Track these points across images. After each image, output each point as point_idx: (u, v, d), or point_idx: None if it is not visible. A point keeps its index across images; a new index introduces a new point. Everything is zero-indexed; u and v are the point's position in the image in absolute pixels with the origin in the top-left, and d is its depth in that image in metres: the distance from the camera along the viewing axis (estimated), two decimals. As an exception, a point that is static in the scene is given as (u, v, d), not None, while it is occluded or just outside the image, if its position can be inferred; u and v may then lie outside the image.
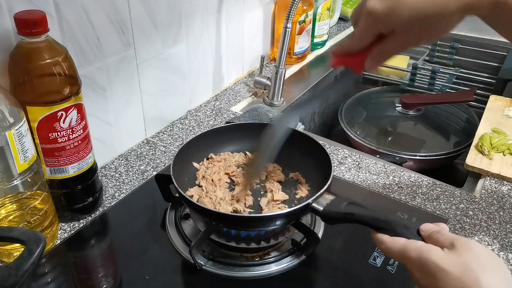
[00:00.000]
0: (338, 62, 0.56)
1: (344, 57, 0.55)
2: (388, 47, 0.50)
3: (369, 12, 0.48)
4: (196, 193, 0.69)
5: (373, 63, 0.52)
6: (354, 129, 1.20)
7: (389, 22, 0.47)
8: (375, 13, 0.47)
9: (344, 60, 0.55)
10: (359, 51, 0.52)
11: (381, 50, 0.51)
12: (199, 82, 1.04)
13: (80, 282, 0.65)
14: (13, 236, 0.48)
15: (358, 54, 0.53)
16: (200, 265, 0.64)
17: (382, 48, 0.51)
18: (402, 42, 0.50)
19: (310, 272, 0.65)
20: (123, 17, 0.78)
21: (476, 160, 0.88)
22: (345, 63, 0.55)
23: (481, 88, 1.29)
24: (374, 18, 0.48)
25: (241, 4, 1.09)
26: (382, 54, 0.51)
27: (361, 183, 0.83)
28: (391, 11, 0.46)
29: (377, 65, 0.53)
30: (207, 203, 0.67)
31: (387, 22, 0.48)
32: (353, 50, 0.53)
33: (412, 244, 0.48)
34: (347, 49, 0.54)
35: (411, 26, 0.47)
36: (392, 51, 0.51)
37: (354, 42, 0.52)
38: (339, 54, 0.55)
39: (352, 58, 0.54)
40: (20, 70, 0.61)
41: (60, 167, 0.67)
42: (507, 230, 0.73)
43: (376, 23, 0.48)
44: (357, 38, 0.51)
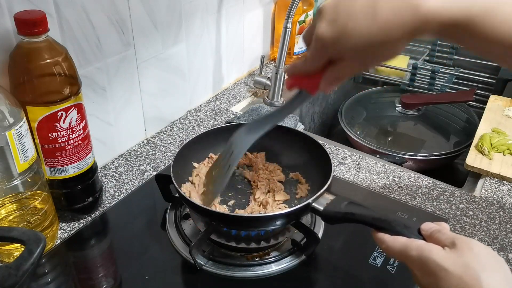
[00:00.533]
0: (293, 84, 0.56)
1: (299, 78, 0.55)
2: (339, 71, 0.51)
3: (318, 38, 0.49)
4: (188, 189, 0.69)
5: (327, 85, 0.53)
6: (354, 129, 1.20)
7: (338, 48, 0.48)
8: (324, 40, 0.48)
9: (299, 81, 0.56)
10: (312, 73, 0.53)
11: (334, 72, 0.51)
12: (199, 82, 1.04)
13: (80, 282, 0.65)
14: (13, 236, 0.48)
15: (312, 76, 0.53)
16: (200, 265, 0.64)
17: (334, 72, 0.51)
18: (352, 67, 0.51)
19: (310, 272, 0.65)
20: (123, 17, 0.78)
21: (476, 160, 0.88)
22: (300, 84, 0.56)
23: (481, 88, 1.29)
24: (323, 44, 0.49)
25: (241, 4, 1.09)
26: (336, 77, 0.52)
27: (361, 183, 0.83)
28: (339, 38, 0.47)
29: (332, 87, 0.54)
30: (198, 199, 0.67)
31: (336, 48, 0.48)
32: (306, 72, 0.54)
33: (413, 243, 0.48)
34: (300, 70, 0.54)
35: (358, 53, 0.48)
36: (344, 75, 0.52)
37: (307, 64, 0.53)
38: (294, 75, 0.56)
39: (306, 79, 0.54)
40: (20, 70, 0.61)
41: (60, 167, 0.67)
42: (507, 230, 0.73)
43: (325, 49, 0.49)
44: (310, 61, 0.52)
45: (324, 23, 0.48)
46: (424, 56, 1.40)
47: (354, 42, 0.47)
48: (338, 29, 0.47)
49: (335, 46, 0.48)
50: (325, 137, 0.99)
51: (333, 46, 0.48)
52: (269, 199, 0.69)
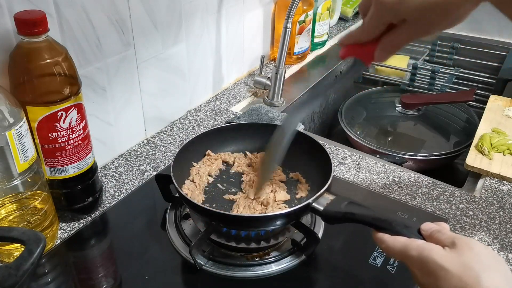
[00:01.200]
0: (347, 53, 0.54)
1: (353, 48, 0.53)
2: (399, 37, 0.49)
3: (379, 1, 0.47)
4: (189, 189, 0.69)
5: (383, 53, 0.51)
6: (354, 129, 1.20)
7: (399, 11, 0.46)
8: (385, 2, 0.46)
9: (353, 50, 0.54)
10: (368, 41, 0.51)
11: (391, 40, 0.49)
12: (199, 82, 1.04)
13: (80, 282, 0.65)
14: (13, 236, 0.48)
15: (367, 45, 0.51)
16: (200, 265, 0.64)
17: (392, 38, 0.49)
18: (413, 32, 0.48)
19: (310, 272, 0.65)
20: (123, 17, 0.78)
21: (476, 160, 0.88)
22: (355, 53, 0.54)
23: (481, 88, 1.29)
24: (384, 7, 0.47)
25: (241, 4, 1.09)
26: (393, 44, 0.50)
27: (361, 183, 0.83)
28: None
29: (388, 56, 0.52)
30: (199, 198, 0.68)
31: (397, 11, 0.46)
32: (363, 40, 0.52)
33: (413, 243, 0.48)
34: (356, 39, 0.52)
35: (422, 15, 0.46)
36: (403, 41, 0.50)
37: (364, 32, 0.51)
38: (348, 44, 0.54)
39: (361, 48, 0.52)
40: (20, 70, 0.61)
41: (60, 167, 0.67)
42: (507, 230, 0.73)
43: (386, 13, 0.47)
44: (367, 28, 0.50)
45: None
46: (424, 56, 1.40)
47: (418, 3, 0.45)
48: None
49: (397, 9, 0.46)
50: (325, 137, 0.99)
51: (396, 8, 0.46)
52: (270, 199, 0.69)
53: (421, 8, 0.45)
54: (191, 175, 0.73)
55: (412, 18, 0.47)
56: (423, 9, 0.45)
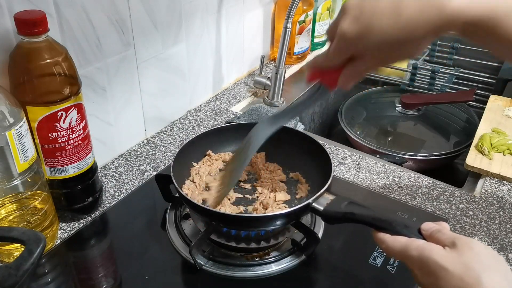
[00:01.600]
0: (314, 77, 0.57)
1: (320, 73, 0.56)
2: (360, 68, 0.52)
3: (341, 35, 0.49)
4: (189, 189, 0.69)
5: (346, 81, 0.54)
6: (354, 129, 1.20)
7: (361, 45, 0.49)
8: (348, 36, 0.49)
9: (319, 75, 0.57)
10: (333, 68, 0.54)
11: (353, 70, 0.52)
12: (199, 82, 1.04)
13: (80, 282, 0.65)
14: (13, 236, 0.48)
15: (332, 71, 0.54)
16: (200, 265, 0.64)
17: (354, 68, 0.52)
18: (373, 64, 0.52)
19: (310, 272, 0.65)
20: (123, 17, 0.78)
21: (476, 160, 0.88)
22: (320, 78, 0.57)
23: (481, 88, 1.29)
24: (346, 41, 0.49)
25: (241, 4, 1.09)
26: (355, 73, 0.53)
27: (361, 183, 0.83)
28: (363, 35, 0.48)
29: (351, 83, 0.54)
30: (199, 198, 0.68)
31: (359, 45, 0.49)
32: (327, 67, 0.54)
33: (413, 243, 0.48)
34: (321, 65, 0.55)
35: (381, 50, 0.49)
36: (363, 71, 0.53)
37: (329, 59, 0.53)
38: (315, 69, 0.57)
39: (327, 74, 0.55)
40: (20, 70, 0.61)
41: (60, 167, 0.67)
42: (507, 230, 0.73)
43: (348, 46, 0.50)
44: (331, 57, 0.53)
45: (348, 20, 0.49)
46: (424, 56, 1.40)
47: (378, 40, 0.47)
48: (362, 26, 0.48)
49: (358, 43, 0.49)
50: (325, 137, 0.99)
51: (356, 43, 0.49)
52: (270, 200, 0.69)
53: (379, 45, 0.48)
54: (191, 175, 0.73)
55: (372, 52, 0.49)
56: (382, 45, 0.48)
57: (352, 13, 0.48)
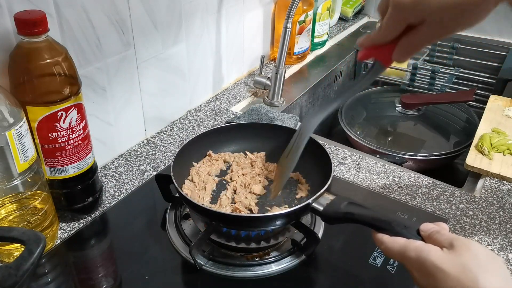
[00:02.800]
0: (366, 54, 0.54)
1: (372, 49, 0.53)
2: (418, 38, 0.48)
3: (397, 2, 0.46)
4: (189, 189, 0.69)
5: (402, 55, 0.51)
6: (354, 129, 1.20)
7: (419, 11, 0.45)
8: (403, 4, 0.46)
9: (372, 52, 0.54)
10: (387, 42, 0.51)
11: (410, 41, 0.49)
12: (199, 82, 1.04)
13: (80, 282, 0.65)
14: (13, 236, 0.48)
15: (386, 46, 0.51)
16: (200, 265, 0.64)
17: (411, 39, 0.49)
18: (432, 33, 0.48)
19: (310, 272, 0.65)
20: (123, 17, 0.78)
21: (476, 160, 0.88)
22: (374, 55, 0.54)
23: (481, 88, 1.29)
24: (402, 8, 0.46)
25: (241, 4, 1.09)
26: (412, 45, 0.49)
27: (361, 183, 0.83)
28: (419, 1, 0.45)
29: (406, 57, 0.51)
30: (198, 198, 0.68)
31: (417, 11, 0.46)
32: (381, 42, 0.51)
33: (411, 244, 0.48)
34: (375, 41, 0.52)
35: (442, 15, 0.45)
36: (422, 42, 0.49)
37: (382, 33, 0.50)
38: (367, 46, 0.54)
39: (380, 49, 0.52)
40: (20, 70, 0.61)
41: (60, 167, 0.67)
42: (507, 230, 0.73)
43: (405, 13, 0.46)
44: (385, 29, 0.49)
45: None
46: (424, 56, 1.40)
47: (438, 3, 0.44)
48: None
49: (416, 9, 0.46)
50: (325, 137, 0.99)
51: (413, 9, 0.46)
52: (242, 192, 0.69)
53: (441, 8, 0.45)
54: (190, 174, 0.73)
55: (432, 18, 0.46)
56: (444, 9, 0.45)
57: None
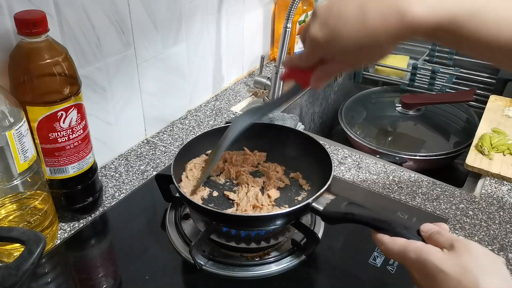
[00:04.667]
0: (288, 76, 0.60)
1: (294, 71, 0.59)
2: (329, 70, 0.54)
3: (310, 38, 0.51)
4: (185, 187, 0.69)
5: (317, 81, 0.56)
6: (354, 129, 1.20)
7: (329, 49, 0.51)
8: (315, 41, 0.51)
9: (293, 74, 0.59)
10: (306, 68, 0.56)
11: (323, 70, 0.55)
12: (199, 82, 1.04)
13: (80, 282, 0.65)
14: (13, 236, 0.48)
15: (305, 71, 0.56)
16: (200, 265, 0.64)
17: (323, 70, 0.55)
18: (342, 65, 0.55)
19: (310, 272, 0.65)
20: (123, 17, 0.78)
21: (476, 160, 0.88)
22: (294, 77, 0.59)
23: (481, 88, 1.29)
24: (315, 44, 0.51)
25: (241, 4, 1.09)
26: (325, 74, 0.55)
27: (361, 183, 0.83)
28: (329, 40, 0.50)
29: (322, 83, 0.57)
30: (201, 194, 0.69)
31: (327, 49, 0.51)
32: (301, 67, 0.57)
33: (411, 245, 0.48)
34: (295, 64, 0.58)
35: (347, 54, 0.51)
36: (332, 73, 0.55)
37: (302, 60, 0.56)
38: (289, 66, 0.60)
39: (300, 73, 0.58)
40: (20, 70, 0.61)
41: (60, 167, 0.67)
42: (507, 230, 0.73)
43: (317, 49, 0.52)
44: (304, 58, 0.56)
45: (316, 24, 0.51)
46: (424, 56, 1.40)
47: (343, 45, 0.49)
48: (328, 31, 0.50)
49: (326, 47, 0.51)
50: (325, 137, 0.99)
51: (323, 47, 0.51)
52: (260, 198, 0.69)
53: (345, 49, 0.50)
54: (185, 170, 0.73)
55: (339, 56, 0.52)
56: (348, 50, 0.50)
57: (320, 18, 0.50)
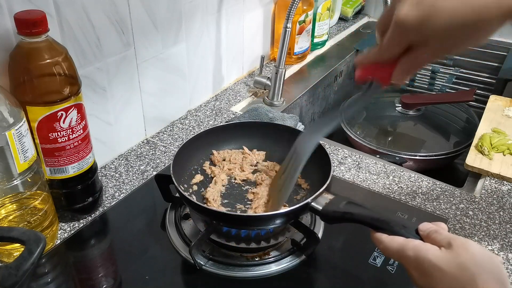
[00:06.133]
0: (364, 74, 0.52)
1: (371, 68, 0.51)
2: (421, 57, 0.47)
3: (401, 21, 0.44)
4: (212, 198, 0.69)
5: (402, 74, 0.49)
6: (354, 129, 1.20)
7: (424, 31, 0.44)
8: (408, 22, 0.44)
9: (370, 71, 0.51)
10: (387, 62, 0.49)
11: (412, 60, 0.47)
12: (199, 82, 1.04)
13: (80, 282, 0.65)
14: (13, 236, 0.48)
15: (385, 65, 0.49)
16: (200, 265, 0.64)
17: (413, 58, 0.47)
18: (436, 51, 0.46)
19: (310, 272, 0.65)
20: (123, 17, 0.78)
21: (476, 160, 0.88)
22: (372, 74, 0.51)
23: (481, 88, 1.29)
24: (407, 27, 0.44)
25: (241, 4, 1.09)
26: (413, 65, 0.48)
27: (361, 183, 0.83)
28: (426, 19, 0.43)
29: (407, 77, 0.50)
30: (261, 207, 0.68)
31: (421, 31, 0.44)
32: (381, 61, 0.49)
33: (409, 244, 0.48)
34: (374, 60, 0.50)
35: (448, 35, 0.44)
36: (423, 62, 0.48)
37: (383, 52, 0.48)
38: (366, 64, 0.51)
39: (379, 69, 0.50)
40: (20, 70, 0.61)
41: (60, 167, 0.67)
42: (507, 230, 0.73)
43: (408, 33, 0.45)
44: (386, 48, 0.48)
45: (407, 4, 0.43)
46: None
47: (444, 24, 0.43)
48: (424, 9, 0.43)
49: (420, 29, 0.44)
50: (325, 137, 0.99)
51: (418, 29, 0.44)
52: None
53: (447, 28, 0.43)
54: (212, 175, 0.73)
55: (437, 38, 0.44)
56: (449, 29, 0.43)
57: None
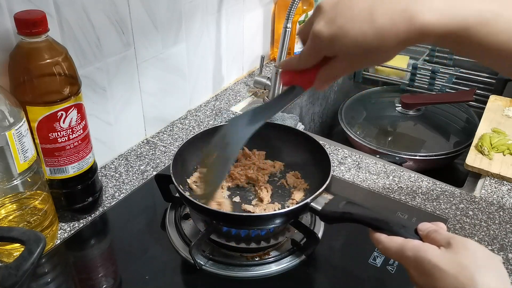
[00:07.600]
0: (288, 79, 0.56)
1: (293, 74, 0.56)
2: (335, 69, 0.51)
3: (315, 35, 0.49)
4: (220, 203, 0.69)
5: (321, 82, 0.53)
6: (354, 129, 1.20)
7: (334, 48, 0.49)
8: (320, 38, 0.48)
9: (293, 77, 0.56)
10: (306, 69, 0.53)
11: (328, 70, 0.52)
12: (199, 82, 1.04)
13: (80, 282, 0.65)
14: (13, 236, 0.48)
15: (306, 72, 0.53)
16: (200, 265, 0.64)
17: (329, 69, 0.52)
18: (345, 67, 0.51)
19: (310, 272, 0.65)
20: (123, 17, 0.78)
21: (476, 160, 0.88)
22: (295, 80, 0.56)
23: (481, 88, 1.29)
24: (320, 41, 0.49)
25: (241, 4, 1.09)
26: (330, 74, 0.52)
27: (361, 183, 0.83)
28: (334, 38, 0.47)
29: (326, 85, 0.54)
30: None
31: (332, 47, 0.49)
32: (301, 68, 0.54)
33: (408, 243, 0.48)
34: (295, 66, 0.54)
35: (352, 55, 0.49)
36: (339, 72, 0.52)
37: (302, 61, 0.53)
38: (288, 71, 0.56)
39: (300, 75, 0.55)
40: (20, 70, 0.61)
41: (60, 167, 0.67)
42: (507, 230, 0.73)
43: (321, 47, 0.50)
44: (304, 58, 0.52)
45: (322, 21, 0.48)
46: (424, 56, 1.40)
47: (349, 45, 0.47)
48: (335, 28, 0.47)
49: (331, 45, 0.48)
50: (325, 137, 0.99)
51: (329, 44, 0.49)
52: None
53: (352, 49, 0.47)
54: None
55: (342, 55, 0.49)
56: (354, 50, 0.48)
57: (327, 15, 0.48)
